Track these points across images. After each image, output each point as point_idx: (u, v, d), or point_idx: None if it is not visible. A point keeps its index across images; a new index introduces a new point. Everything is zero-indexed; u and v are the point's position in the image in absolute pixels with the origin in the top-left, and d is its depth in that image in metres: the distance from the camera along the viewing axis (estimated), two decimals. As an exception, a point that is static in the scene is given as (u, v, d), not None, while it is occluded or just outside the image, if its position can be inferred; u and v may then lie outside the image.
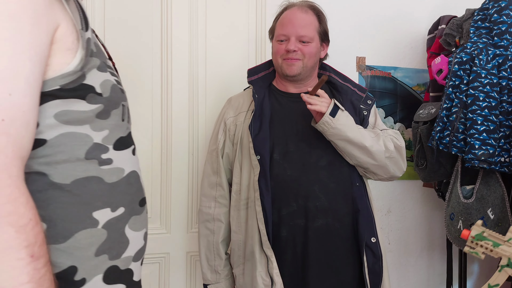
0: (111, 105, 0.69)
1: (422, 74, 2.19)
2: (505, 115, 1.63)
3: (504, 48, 1.64)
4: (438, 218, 2.24)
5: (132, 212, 0.72)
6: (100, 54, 0.69)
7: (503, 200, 1.68)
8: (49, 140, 0.62)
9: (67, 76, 0.61)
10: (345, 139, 1.36)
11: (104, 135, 0.68)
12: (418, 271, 2.24)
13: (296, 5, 1.48)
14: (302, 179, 1.40)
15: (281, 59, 1.45)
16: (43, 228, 0.60)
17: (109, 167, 0.68)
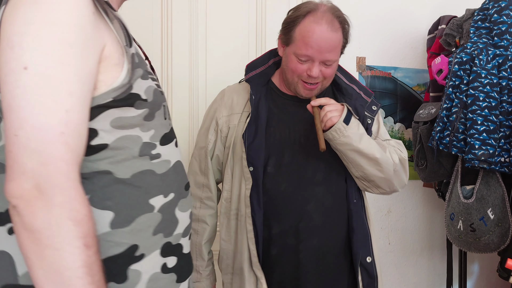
0: (155, 108, 0.79)
1: (422, 74, 2.19)
2: (505, 115, 1.63)
3: (504, 48, 1.64)
4: (438, 218, 2.24)
5: (180, 196, 0.84)
6: (142, 63, 0.79)
7: (503, 200, 1.68)
8: (110, 144, 0.73)
9: (118, 89, 0.72)
10: (355, 149, 1.23)
11: (151, 134, 0.79)
12: (418, 271, 2.24)
13: (324, 17, 1.24)
14: (296, 195, 1.29)
15: (298, 78, 1.28)
16: (110, 217, 0.74)
17: (158, 161, 0.80)
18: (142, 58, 0.81)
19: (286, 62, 1.30)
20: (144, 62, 0.82)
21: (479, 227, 1.68)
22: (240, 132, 1.31)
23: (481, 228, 1.67)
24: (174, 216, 0.83)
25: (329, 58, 1.25)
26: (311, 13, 1.24)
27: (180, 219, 0.84)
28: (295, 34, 1.24)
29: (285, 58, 1.30)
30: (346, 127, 1.22)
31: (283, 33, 1.30)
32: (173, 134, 0.87)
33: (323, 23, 1.22)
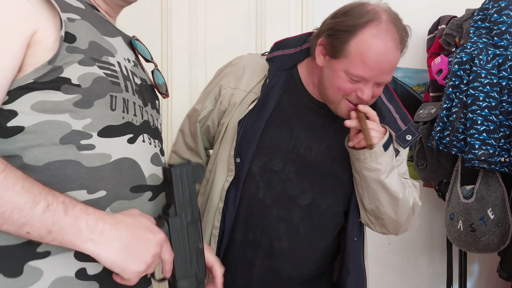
0: (93, 96, 0.73)
1: (422, 74, 2.19)
2: (505, 115, 1.63)
3: (504, 48, 1.64)
4: (438, 218, 2.23)
5: (117, 196, 0.75)
6: (93, 51, 0.75)
7: (503, 200, 1.68)
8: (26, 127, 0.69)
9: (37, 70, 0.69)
10: (381, 180, 1.06)
11: (86, 123, 0.73)
12: (418, 271, 2.23)
13: (389, 31, 1.04)
14: (271, 210, 1.11)
15: (343, 97, 1.05)
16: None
17: (90, 152, 0.73)
18: (101, 47, 0.77)
19: (330, 77, 1.05)
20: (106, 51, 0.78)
21: (479, 227, 1.67)
22: (239, 115, 1.12)
23: (481, 228, 1.67)
24: None
25: (385, 79, 1.06)
26: (373, 24, 1.01)
27: None
28: (350, 48, 1.01)
29: (330, 73, 1.05)
30: (383, 153, 1.04)
31: (329, 42, 1.05)
32: (128, 130, 0.78)
33: (388, 40, 1.02)
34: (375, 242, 2.17)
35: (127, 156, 0.77)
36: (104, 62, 0.77)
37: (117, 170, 0.75)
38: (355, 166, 1.09)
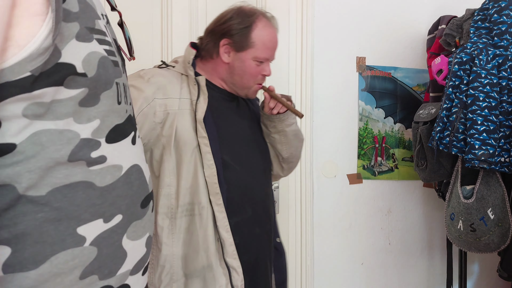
0: (99, 87, 0.53)
1: (422, 74, 2.19)
2: (505, 115, 1.63)
3: (504, 48, 1.64)
4: (438, 218, 2.24)
5: (132, 218, 0.59)
6: (85, 13, 0.52)
7: (503, 200, 1.68)
8: (19, 143, 0.47)
9: (37, 56, 0.45)
10: (296, 130, 1.42)
11: (95, 127, 0.53)
12: (419, 271, 2.24)
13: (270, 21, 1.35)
14: (254, 183, 1.34)
15: (254, 83, 1.34)
16: (4, 256, 0.48)
17: (102, 167, 0.54)
18: (88, 4, 0.53)
19: (242, 67, 1.30)
20: (93, 11, 0.54)
21: (479, 227, 1.68)
22: (186, 120, 1.22)
23: (481, 228, 1.67)
24: (120, 248, 0.58)
25: (274, 56, 1.37)
26: (260, 18, 1.31)
27: (130, 250, 0.59)
28: (253, 39, 1.29)
29: (240, 64, 1.30)
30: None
31: (233, 40, 1.29)
32: (130, 126, 0.61)
33: (272, 27, 1.35)
34: (375, 242, 2.17)
35: (134, 163, 0.61)
36: (99, 32, 0.54)
37: (128, 184, 0.59)
38: (277, 127, 1.38)
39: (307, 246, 2.04)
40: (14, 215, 0.48)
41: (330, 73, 2.08)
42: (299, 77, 2.02)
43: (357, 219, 2.14)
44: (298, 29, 2.02)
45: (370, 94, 2.13)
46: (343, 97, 2.11)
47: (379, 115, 2.15)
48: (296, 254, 2.04)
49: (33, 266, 0.50)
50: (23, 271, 0.49)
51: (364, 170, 2.14)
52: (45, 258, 0.50)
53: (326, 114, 2.08)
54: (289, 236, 2.03)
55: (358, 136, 2.13)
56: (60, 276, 0.51)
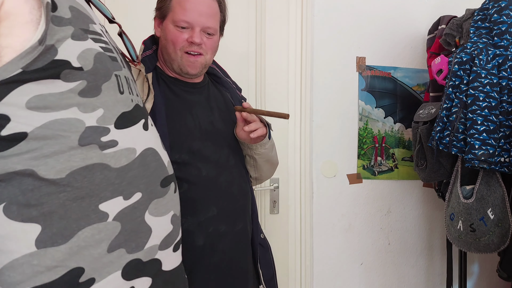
0: (99, 79, 0.58)
1: (422, 74, 2.19)
2: (505, 115, 1.62)
3: (504, 48, 1.64)
4: (438, 219, 2.23)
5: (152, 196, 0.64)
6: (78, 19, 0.58)
7: (503, 200, 1.68)
8: (30, 132, 0.53)
9: (26, 55, 0.51)
10: (267, 158, 1.37)
11: (99, 115, 0.58)
12: (418, 271, 2.23)
13: None
14: (219, 180, 1.25)
15: (181, 51, 1.23)
16: (36, 232, 0.54)
17: (115, 150, 0.60)
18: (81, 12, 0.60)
19: (165, 36, 1.24)
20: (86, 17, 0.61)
21: (479, 227, 1.67)
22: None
23: (481, 228, 1.67)
24: (144, 223, 0.63)
25: (208, 24, 1.23)
26: None
27: (154, 226, 0.65)
28: (171, 3, 1.22)
29: (164, 33, 1.25)
30: (268, 141, 1.34)
31: (158, 12, 1.27)
32: (139, 114, 0.67)
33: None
34: (374, 242, 2.17)
35: (149, 146, 0.66)
36: (94, 33, 0.61)
37: (144, 165, 0.64)
38: (247, 151, 1.34)
39: (306, 246, 2.04)
40: (40, 195, 0.54)
41: (330, 73, 2.08)
42: (299, 77, 2.02)
43: (356, 219, 2.14)
44: (298, 29, 2.02)
45: (370, 94, 2.13)
46: (343, 97, 2.10)
47: (379, 115, 2.15)
48: (295, 254, 2.04)
49: (62, 241, 0.56)
50: (54, 246, 0.55)
51: (364, 170, 2.14)
52: (73, 233, 0.56)
53: (326, 114, 2.08)
54: (288, 236, 2.03)
55: (358, 136, 2.13)
56: (88, 249, 0.57)
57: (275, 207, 2.01)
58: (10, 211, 0.54)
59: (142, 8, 1.81)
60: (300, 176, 2.02)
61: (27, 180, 0.54)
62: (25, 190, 0.54)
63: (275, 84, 2.01)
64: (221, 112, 1.33)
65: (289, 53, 2.01)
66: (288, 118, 1.20)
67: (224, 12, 1.33)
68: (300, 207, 2.03)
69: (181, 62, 1.24)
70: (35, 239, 0.55)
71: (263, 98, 1.98)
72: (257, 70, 1.98)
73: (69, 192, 0.56)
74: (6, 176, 0.53)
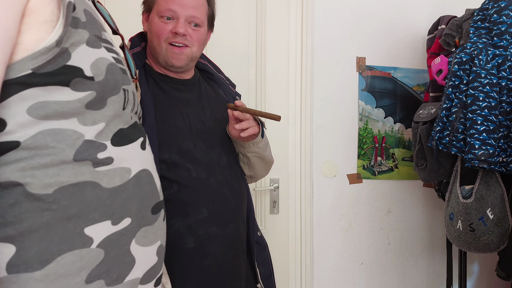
0: (107, 91, 0.54)
1: (422, 74, 2.19)
2: (505, 115, 1.63)
3: (503, 48, 1.64)
4: (438, 218, 2.24)
5: (141, 223, 0.58)
6: (92, 24, 0.55)
7: (503, 200, 1.68)
8: (23, 141, 0.48)
9: (39, 55, 0.47)
10: (260, 156, 1.34)
11: (99, 130, 0.54)
12: (418, 271, 2.24)
13: None
14: (210, 180, 1.22)
15: (165, 43, 1.20)
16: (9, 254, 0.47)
17: (108, 168, 0.54)
18: (94, 18, 0.57)
19: (151, 29, 1.22)
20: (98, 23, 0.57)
21: (478, 227, 1.68)
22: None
23: (481, 228, 1.67)
24: (128, 253, 0.56)
25: (194, 14, 1.20)
26: None
27: (139, 257, 0.58)
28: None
29: (150, 26, 1.23)
30: (261, 139, 1.30)
31: (144, 2, 1.27)
32: (136, 132, 0.62)
33: None
34: (374, 242, 2.17)
35: (144, 167, 0.61)
36: (107, 41, 0.57)
37: (138, 187, 0.58)
38: (239, 149, 1.32)
39: (306, 246, 2.05)
40: (20, 212, 0.48)
41: (330, 73, 2.08)
42: (299, 77, 2.02)
43: (356, 219, 2.14)
44: (298, 29, 2.02)
45: (370, 94, 2.13)
46: (343, 97, 2.11)
47: (379, 115, 2.15)
48: (295, 254, 2.04)
49: (38, 266, 0.48)
50: (28, 271, 0.48)
51: (364, 170, 2.14)
52: (52, 258, 0.49)
53: (326, 114, 2.09)
54: (288, 236, 2.03)
55: (358, 136, 2.13)
56: (66, 278, 0.50)
57: (275, 207, 2.01)
58: None
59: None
60: (300, 176, 2.03)
61: (8, 192, 0.48)
62: (5, 203, 0.48)
63: (275, 84, 2.01)
64: (213, 110, 1.30)
65: (289, 53, 2.02)
66: (279, 120, 1.18)
67: (213, 6, 1.30)
68: (300, 207, 2.04)
69: (166, 54, 1.21)
70: (6, 262, 0.48)
71: (263, 98, 1.98)
72: (257, 70, 1.98)
73: (55, 211, 0.50)
74: None
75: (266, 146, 1.36)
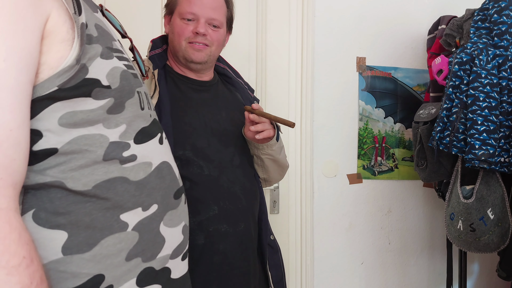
0: (124, 96, 0.62)
1: (422, 74, 2.19)
2: (505, 115, 1.63)
3: (504, 48, 1.64)
4: (438, 218, 2.24)
5: (167, 208, 0.68)
6: (103, 37, 0.61)
7: (503, 200, 1.68)
8: (60, 148, 0.56)
9: (63, 73, 0.54)
10: (274, 159, 1.36)
11: (122, 131, 0.62)
12: (418, 271, 2.24)
13: None
14: (222, 178, 1.24)
15: (185, 42, 1.25)
16: (62, 239, 0.57)
17: (133, 164, 0.63)
18: (104, 30, 0.63)
19: (172, 30, 1.28)
20: (108, 35, 0.64)
21: (479, 227, 1.68)
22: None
23: (481, 228, 1.68)
24: (159, 234, 0.66)
25: (213, 16, 1.26)
26: None
27: (168, 236, 0.68)
28: (178, 0, 1.28)
29: (172, 28, 1.29)
30: (276, 142, 1.32)
31: (166, 6, 1.33)
32: (156, 128, 0.70)
33: None
34: (375, 242, 2.17)
35: (163, 160, 0.69)
36: (117, 51, 0.64)
37: (160, 178, 0.67)
38: (254, 151, 1.34)
39: (307, 246, 2.05)
40: (68, 204, 0.57)
41: (330, 73, 2.09)
42: (299, 77, 2.02)
43: (357, 219, 2.15)
44: (299, 29, 2.02)
45: (370, 94, 2.13)
46: (343, 97, 2.11)
47: (379, 115, 2.15)
48: (296, 254, 2.04)
49: (87, 248, 0.58)
50: (79, 253, 0.58)
51: (364, 170, 2.14)
52: (96, 241, 0.59)
53: (326, 114, 2.09)
54: (289, 236, 2.03)
55: (358, 136, 2.13)
56: (109, 258, 0.60)
57: (275, 207, 2.01)
58: (38, 217, 0.56)
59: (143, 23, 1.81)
60: (300, 176, 2.03)
61: (55, 189, 0.57)
62: (53, 198, 0.57)
63: (276, 84, 2.01)
64: (229, 112, 1.34)
65: (290, 54, 2.02)
66: (294, 127, 1.21)
67: (231, 9, 1.35)
68: (300, 207, 2.04)
69: (185, 51, 1.26)
70: (61, 246, 0.57)
71: (264, 99, 1.98)
72: (258, 70, 1.98)
73: (95, 203, 0.59)
74: (36, 186, 0.56)
75: (280, 150, 1.38)
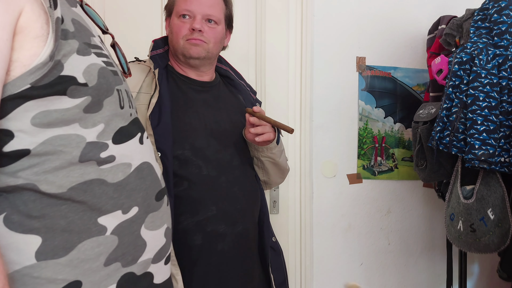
0: (102, 94, 0.58)
1: (422, 74, 2.19)
2: (505, 115, 1.62)
3: (504, 48, 1.64)
4: (438, 219, 2.23)
5: (148, 210, 0.65)
6: (80, 32, 0.58)
7: (503, 201, 1.68)
8: (33, 149, 0.53)
9: (36, 70, 0.51)
10: (274, 162, 1.35)
11: (99, 131, 0.58)
12: (418, 271, 2.23)
13: None
14: (221, 179, 1.24)
15: (183, 40, 1.26)
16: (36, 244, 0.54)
17: (112, 165, 0.60)
18: (82, 25, 0.60)
19: (171, 30, 1.30)
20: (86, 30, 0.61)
21: (479, 228, 1.67)
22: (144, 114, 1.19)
23: (481, 229, 1.67)
24: (139, 237, 0.64)
25: (209, 12, 1.27)
26: None
27: (149, 239, 0.65)
28: (176, 1, 1.30)
29: (171, 28, 1.31)
30: (276, 145, 1.32)
31: (165, 8, 1.35)
32: (136, 128, 0.67)
33: None
34: (374, 242, 2.17)
35: (144, 160, 0.66)
36: (96, 47, 0.61)
37: (140, 179, 0.64)
38: (254, 152, 1.33)
39: (306, 246, 2.04)
40: (42, 207, 0.55)
41: (330, 73, 2.08)
42: (299, 77, 2.02)
43: (356, 219, 2.14)
44: (298, 29, 2.02)
45: (370, 94, 2.13)
46: (343, 97, 2.10)
47: (379, 115, 2.15)
48: (295, 254, 2.03)
49: (63, 253, 0.56)
50: (54, 258, 0.55)
51: (364, 170, 2.14)
52: (73, 246, 0.57)
53: (326, 114, 2.08)
54: (288, 236, 2.03)
55: (358, 136, 2.12)
56: (87, 262, 0.57)
57: (275, 207, 2.01)
58: (10, 221, 0.54)
59: (133, 19, 1.81)
60: (300, 176, 2.02)
61: (29, 192, 0.54)
62: (26, 201, 0.54)
63: (275, 84, 2.01)
64: (229, 113, 1.34)
65: (289, 53, 2.01)
66: (292, 133, 1.21)
67: (230, 7, 1.36)
68: (300, 207, 2.03)
69: (183, 47, 1.27)
70: (35, 251, 0.55)
71: (263, 99, 1.98)
72: (257, 70, 1.98)
73: (70, 205, 0.57)
74: (7, 189, 0.54)
75: (280, 153, 1.37)
